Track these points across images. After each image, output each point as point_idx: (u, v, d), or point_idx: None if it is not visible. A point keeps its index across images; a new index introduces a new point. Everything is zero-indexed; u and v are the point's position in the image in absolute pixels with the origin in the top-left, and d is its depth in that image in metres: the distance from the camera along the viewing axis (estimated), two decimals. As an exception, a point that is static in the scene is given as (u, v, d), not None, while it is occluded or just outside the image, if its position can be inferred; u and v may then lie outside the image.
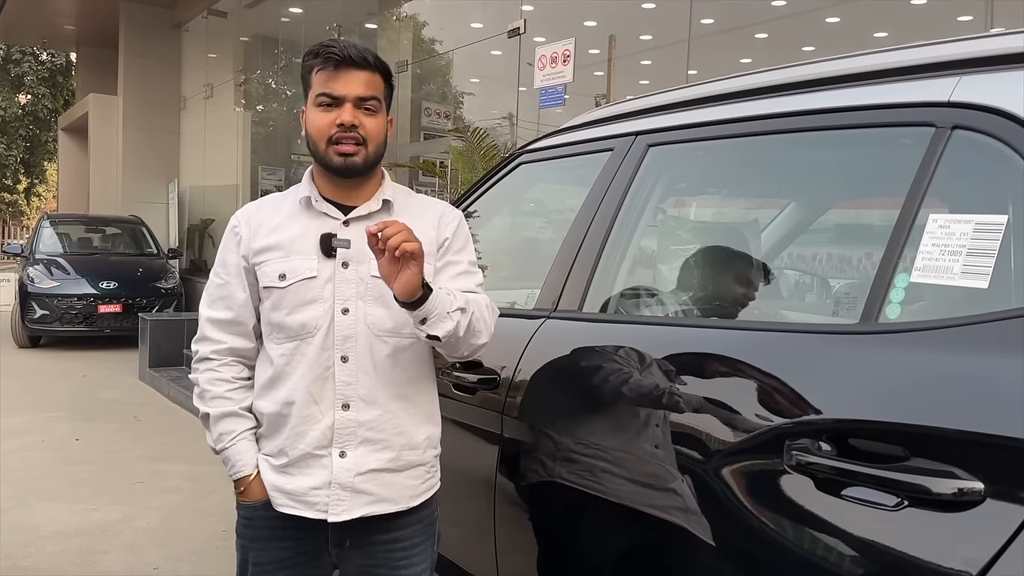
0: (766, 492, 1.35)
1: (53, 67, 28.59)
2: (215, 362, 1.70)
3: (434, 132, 10.74)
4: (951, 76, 1.38)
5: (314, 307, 1.61)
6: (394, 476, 1.66)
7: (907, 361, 1.26)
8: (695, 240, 2.21)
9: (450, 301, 1.57)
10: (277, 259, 1.63)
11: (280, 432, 1.65)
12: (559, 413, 1.89)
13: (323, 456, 1.62)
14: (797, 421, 1.32)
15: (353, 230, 1.64)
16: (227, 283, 1.70)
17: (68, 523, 4.09)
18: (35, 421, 6.24)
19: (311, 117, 1.63)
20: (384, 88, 1.65)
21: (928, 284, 1.29)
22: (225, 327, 1.70)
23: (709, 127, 1.83)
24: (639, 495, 1.62)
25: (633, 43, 9.48)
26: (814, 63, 1.67)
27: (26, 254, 10.82)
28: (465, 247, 1.76)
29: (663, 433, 1.58)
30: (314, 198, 1.66)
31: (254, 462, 1.67)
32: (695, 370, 1.59)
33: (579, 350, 1.88)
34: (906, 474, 1.15)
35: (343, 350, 1.62)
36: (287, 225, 1.66)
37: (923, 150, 1.37)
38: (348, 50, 1.58)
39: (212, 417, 1.68)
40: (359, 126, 1.59)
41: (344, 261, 1.62)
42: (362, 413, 1.62)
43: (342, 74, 1.59)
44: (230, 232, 1.71)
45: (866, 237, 2.35)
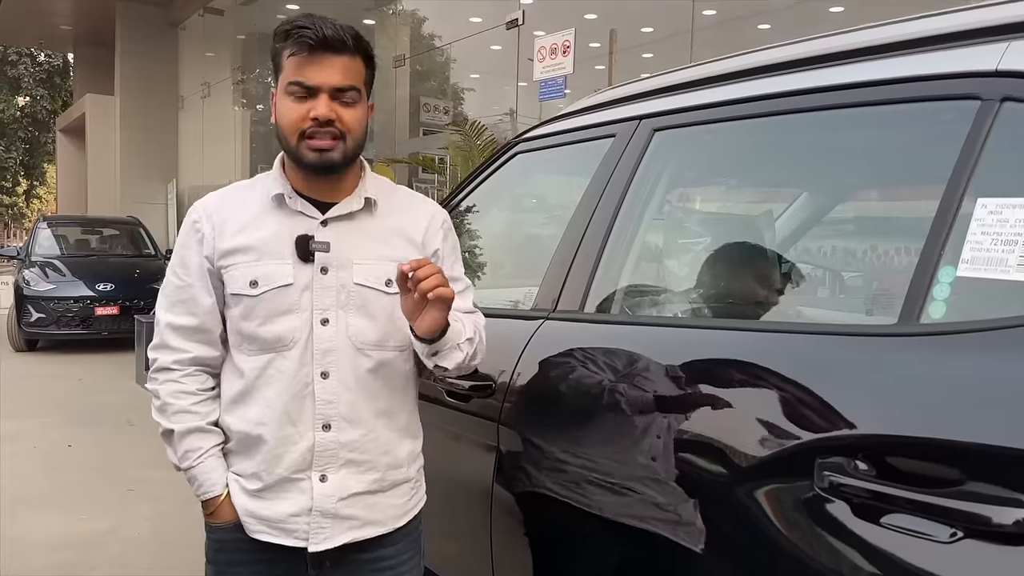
0: (794, 517, 1.19)
1: (50, 68, 28.55)
2: (177, 372, 1.53)
3: (433, 128, 10.60)
4: (998, 42, 1.22)
5: (290, 318, 1.46)
6: (378, 497, 1.53)
7: (957, 367, 1.10)
8: (706, 233, 2.05)
9: (460, 331, 1.48)
10: (248, 263, 1.46)
11: (253, 454, 1.50)
12: (559, 423, 1.73)
13: (302, 480, 1.48)
14: (828, 436, 1.16)
15: (332, 231, 1.48)
16: (189, 285, 1.52)
17: (57, 534, 3.95)
18: (28, 427, 6.11)
19: (281, 107, 1.44)
20: (365, 74, 1.47)
21: (978, 278, 1.13)
22: (188, 334, 1.53)
23: (720, 108, 1.67)
24: (645, 514, 1.46)
25: (635, 36, 9.34)
26: (838, 34, 1.51)
27: (22, 257, 10.70)
28: (457, 258, 1.64)
29: (673, 447, 1.42)
30: (287, 195, 1.49)
31: (224, 481, 1.52)
32: (709, 377, 1.43)
33: (580, 354, 1.73)
34: (961, 500, 0.99)
35: (323, 365, 1.47)
36: (257, 224, 1.49)
37: (967, 126, 1.21)
38: (324, 30, 1.38)
39: (176, 433, 1.52)
40: (336, 119, 1.41)
41: (323, 266, 1.46)
42: (344, 433, 1.48)
43: (317, 60, 1.39)
44: (190, 228, 1.52)
45: (902, 226, 2.19)
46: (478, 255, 2.72)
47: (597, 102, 2.09)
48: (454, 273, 1.59)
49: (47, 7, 17.11)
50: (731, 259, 1.95)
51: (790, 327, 1.52)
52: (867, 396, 1.17)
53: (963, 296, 1.17)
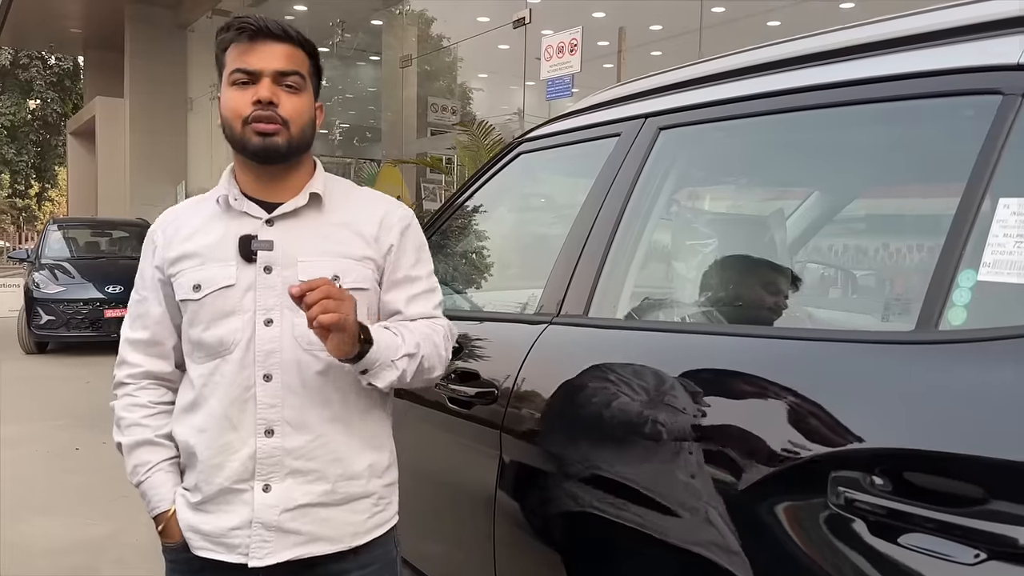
0: (806, 535, 1.13)
1: (61, 71, 28.71)
2: (131, 386, 1.51)
3: (440, 128, 10.57)
4: (1021, 34, 1.16)
5: (232, 319, 1.41)
6: (329, 511, 1.44)
7: (978, 377, 1.04)
8: (713, 234, 1.98)
9: (396, 347, 1.40)
10: (192, 268, 1.44)
11: (194, 464, 1.45)
12: (563, 430, 1.68)
13: (244, 491, 1.42)
14: (842, 450, 1.10)
15: (277, 230, 1.43)
16: (144, 299, 1.51)
17: (62, 539, 3.93)
18: (36, 429, 6.11)
19: (225, 98, 1.41)
20: (309, 65, 1.45)
21: (1000, 283, 1.07)
22: (141, 348, 1.51)
23: (728, 105, 1.61)
24: (651, 523, 1.40)
25: (644, 34, 9.28)
26: (851, 28, 1.45)
27: (32, 259, 10.72)
28: (420, 258, 1.55)
29: (680, 456, 1.36)
30: (232, 196, 1.45)
31: (171, 497, 1.48)
32: (716, 385, 1.37)
33: (583, 360, 1.67)
34: (984, 520, 0.93)
35: (266, 367, 1.41)
36: (204, 229, 1.46)
37: (988, 122, 1.14)
38: (264, 21, 1.40)
39: (126, 447, 1.49)
40: (278, 105, 1.38)
41: (267, 265, 1.42)
42: (289, 439, 1.41)
43: (258, 47, 1.39)
44: (147, 241, 1.52)
45: (919, 228, 2.12)
46: (481, 257, 2.67)
47: (601, 100, 2.03)
48: (413, 273, 1.52)
49: (57, 11, 17.19)
50: (740, 262, 1.89)
51: (802, 334, 1.46)
52: (883, 407, 1.11)
53: (984, 301, 1.11)
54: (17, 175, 30.11)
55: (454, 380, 1.97)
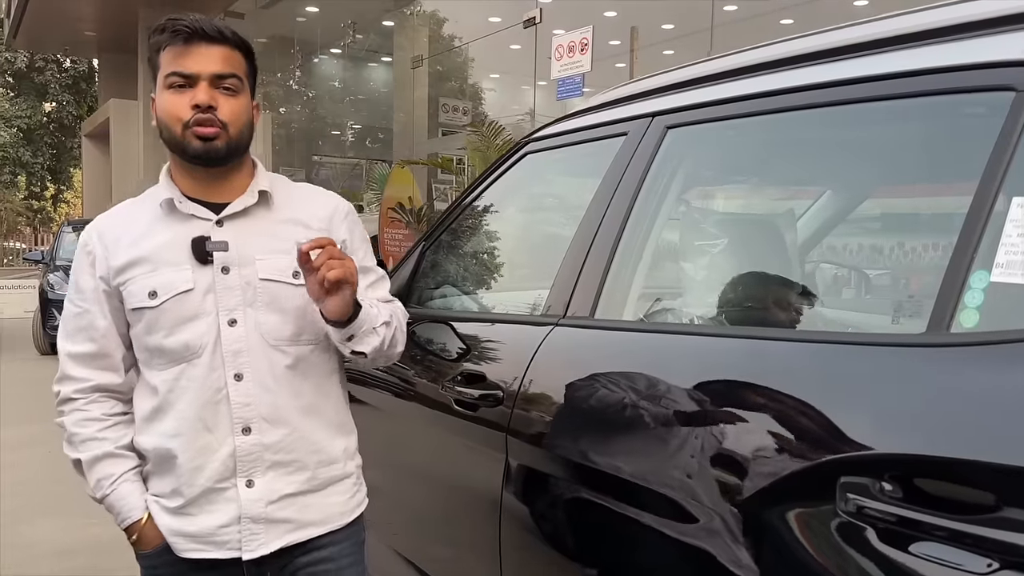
0: (814, 542, 1.11)
1: (76, 74, 28.94)
2: (80, 401, 1.47)
3: (451, 128, 10.57)
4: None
5: (196, 323, 1.41)
6: (314, 497, 1.49)
7: (991, 381, 1.01)
8: (721, 234, 1.95)
9: (375, 315, 1.48)
10: (144, 275, 1.42)
11: (171, 470, 1.45)
12: (570, 433, 1.66)
13: (227, 489, 1.44)
14: (851, 456, 1.08)
15: (229, 230, 1.44)
16: (85, 311, 1.46)
17: (70, 539, 3.96)
18: (46, 431, 6.06)
19: (162, 101, 1.40)
20: (246, 66, 1.45)
21: (1013, 284, 1.04)
22: (88, 362, 1.47)
23: (736, 104, 1.58)
24: (660, 530, 1.38)
25: (655, 33, 9.25)
26: (860, 24, 1.42)
27: (47, 261, 10.80)
28: (367, 249, 1.61)
29: (685, 459, 1.34)
30: (177, 199, 1.44)
31: (143, 504, 1.47)
32: (723, 388, 1.34)
33: (589, 362, 1.65)
34: (997, 529, 0.91)
35: (236, 367, 1.42)
36: (150, 234, 1.44)
37: (1001, 119, 1.11)
38: (199, 23, 1.39)
39: (85, 462, 1.46)
40: (216, 108, 1.38)
41: (224, 266, 1.42)
42: (267, 435, 1.44)
43: (194, 49, 1.38)
44: (81, 251, 1.48)
45: (930, 228, 2.08)
46: (487, 257, 2.65)
47: (608, 99, 2.01)
48: (367, 263, 1.58)
49: (72, 14, 17.30)
50: (748, 263, 1.87)
51: (810, 336, 1.43)
52: (893, 411, 1.08)
53: (997, 303, 1.07)
54: (33, 177, 30.36)
55: (460, 382, 1.96)
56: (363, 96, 16.32)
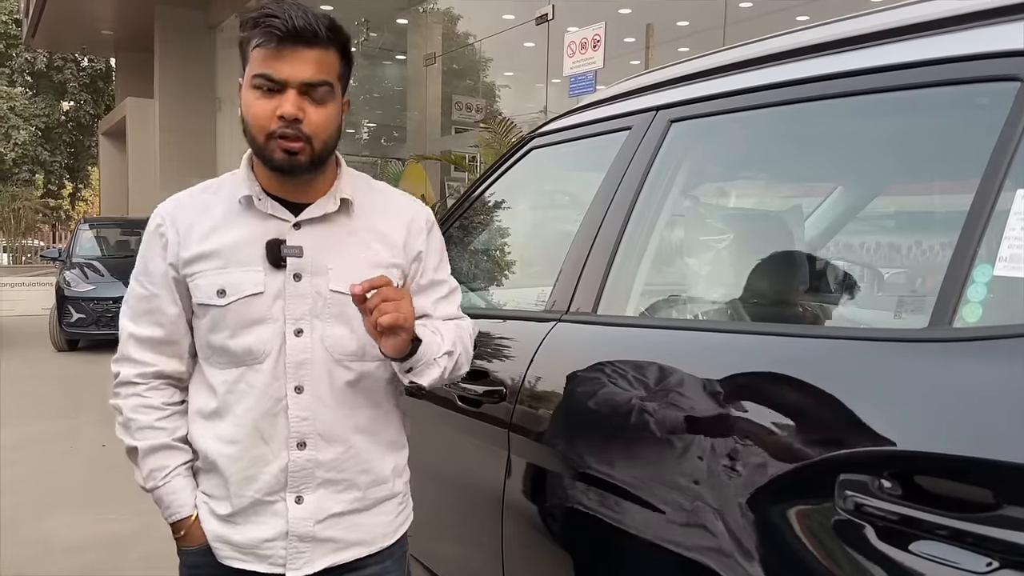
0: (812, 539, 1.09)
1: (94, 73, 29.20)
2: (141, 386, 1.43)
3: (464, 126, 10.57)
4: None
5: (261, 328, 1.36)
6: (361, 517, 1.44)
7: (994, 377, 0.99)
8: (724, 230, 1.94)
9: (438, 345, 1.39)
10: (214, 271, 1.36)
11: (223, 475, 1.41)
12: (572, 429, 1.65)
13: (275, 502, 1.39)
14: (851, 453, 1.06)
15: (305, 234, 1.38)
16: (154, 295, 1.41)
17: (84, 534, 3.98)
18: (64, 426, 6.19)
19: (247, 101, 1.32)
20: (339, 67, 1.35)
21: (1018, 278, 1.02)
22: (153, 346, 1.42)
23: (740, 96, 1.56)
24: (660, 525, 1.37)
25: (670, 30, 9.19)
26: (864, 15, 1.40)
27: (63, 258, 10.90)
28: (442, 261, 1.53)
29: (687, 456, 1.32)
30: (256, 196, 1.38)
31: (192, 501, 1.43)
32: (725, 384, 1.32)
33: (592, 358, 1.64)
34: (997, 527, 0.89)
35: (297, 379, 1.37)
36: (224, 228, 1.38)
37: (1006, 110, 1.09)
38: (294, 20, 1.26)
39: (141, 451, 1.42)
40: (303, 120, 1.30)
41: (296, 272, 1.36)
42: (322, 452, 1.39)
43: (286, 52, 1.28)
44: (153, 233, 1.41)
45: (933, 221, 2.04)
46: (493, 253, 2.64)
47: (613, 94, 1.99)
48: (438, 276, 1.51)
49: (89, 13, 17.45)
50: (751, 258, 1.84)
51: (812, 332, 1.41)
52: (894, 408, 1.06)
53: (1001, 297, 1.06)
54: (51, 175, 30.65)
55: (463, 378, 1.95)
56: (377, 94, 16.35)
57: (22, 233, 32.33)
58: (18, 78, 28.36)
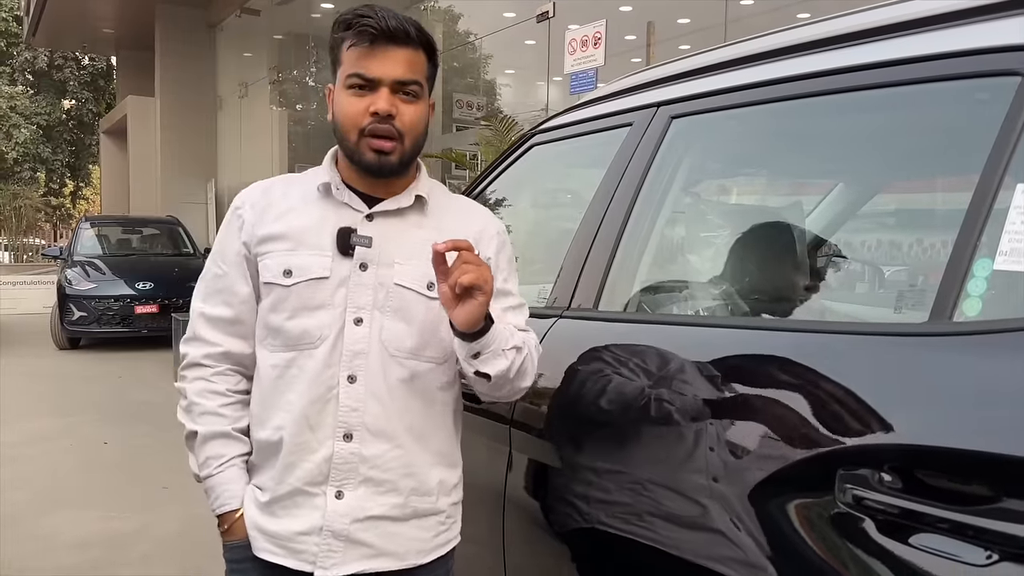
0: (812, 534, 1.10)
1: (94, 71, 29.19)
2: (208, 370, 1.42)
3: (465, 123, 10.56)
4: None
5: (321, 313, 1.35)
6: (398, 526, 1.39)
7: (994, 371, 0.99)
8: (726, 226, 1.93)
9: (507, 336, 1.34)
10: (283, 251, 1.37)
11: (269, 462, 1.39)
12: (572, 425, 1.65)
13: (315, 495, 1.36)
14: (850, 446, 1.07)
15: (377, 226, 1.37)
16: (226, 274, 1.42)
17: (86, 532, 3.99)
18: (66, 424, 6.20)
19: (340, 101, 1.34)
20: (427, 68, 1.37)
21: (1018, 272, 1.03)
22: (222, 326, 1.42)
23: (740, 92, 1.57)
24: (660, 521, 1.37)
25: (671, 27, 9.18)
26: (865, 11, 1.40)
27: (65, 256, 10.91)
28: (511, 272, 1.50)
29: (688, 451, 1.33)
30: (335, 185, 1.39)
31: (242, 495, 1.41)
32: (725, 379, 1.33)
33: (592, 354, 1.64)
34: (997, 520, 0.89)
35: (351, 368, 1.35)
36: (299, 212, 1.39)
37: (1006, 105, 1.10)
38: (387, 21, 1.30)
39: (200, 437, 1.41)
40: (396, 116, 1.31)
41: (362, 262, 1.36)
42: (367, 446, 1.35)
43: (379, 52, 1.30)
44: (232, 215, 1.44)
45: (933, 215, 2.05)
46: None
47: (613, 90, 2.00)
48: (507, 286, 1.47)
49: (90, 12, 17.44)
50: (751, 254, 1.85)
51: (811, 326, 1.41)
52: (894, 402, 1.07)
53: (1001, 292, 1.06)
54: (52, 174, 30.65)
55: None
56: (378, 92, 16.34)
57: (23, 231, 32.35)
58: (19, 76, 28.37)
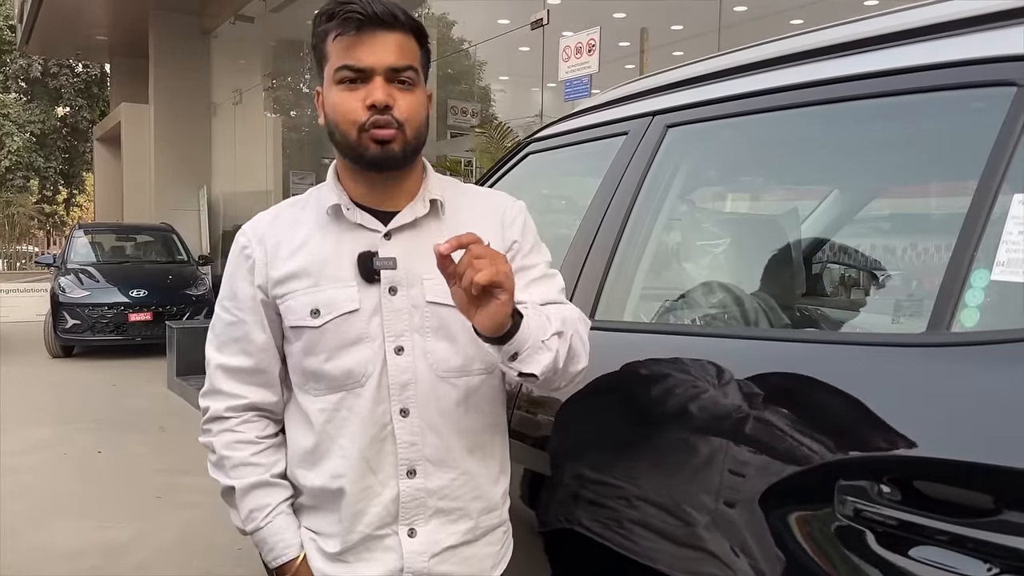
0: (811, 546, 1.09)
1: (88, 78, 29.15)
2: (233, 420, 1.34)
3: (460, 130, 10.56)
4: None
5: (361, 348, 1.26)
6: (472, 548, 1.34)
7: (992, 381, 0.99)
8: (722, 235, 1.94)
9: (544, 325, 1.19)
10: (305, 290, 1.27)
11: (332, 511, 1.31)
12: (567, 437, 1.65)
13: (387, 536, 1.29)
14: (849, 458, 1.06)
15: (397, 244, 1.27)
16: (240, 321, 1.32)
17: (81, 541, 3.97)
18: (60, 433, 6.17)
19: (332, 100, 1.24)
20: (420, 54, 1.26)
21: (1015, 283, 1.03)
22: (243, 377, 1.34)
23: (735, 102, 1.57)
24: (658, 533, 1.36)
25: (665, 34, 9.20)
26: (860, 20, 1.41)
27: (58, 264, 10.86)
28: (536, 246, 1.39)
29: (684, 462, 1.32)
30: (344, 205, 1.28)
31: (298, 541, 1.33)
32: (722, 389, 1.33)
33: (589, 364, 1.63)
34: (997, 533, 0.89)
35: (402, 401, 1.27)
36: (313, 243, 1.29)
37: (1002, 115, 1.10)
38: (372, 6, 1.19)
39: (239, 491, 1.32)
40: (393, 106, 1.20)
41: (391, 286, 1.26)
42: (432, 479, 1.29)
43: (367, 39, 1.20)
44: (239, 255, 1.32)
45: (931, 225, 2.05)
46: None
47: (609, 99, 2.00)
48: (529, 261, 1.35)
49: (84, 19, 17.41)
50: (748, 263, 1.85)
51: (810, 336, 1.42)
52: (892, 413, 1.07)
53: (998, 302, 1.06)
54: (46, 181, 30.58)
55: None
56: (372, 99, 16.35)
57: (17, 239, 32.25)
58: (12, 84, 28.33)
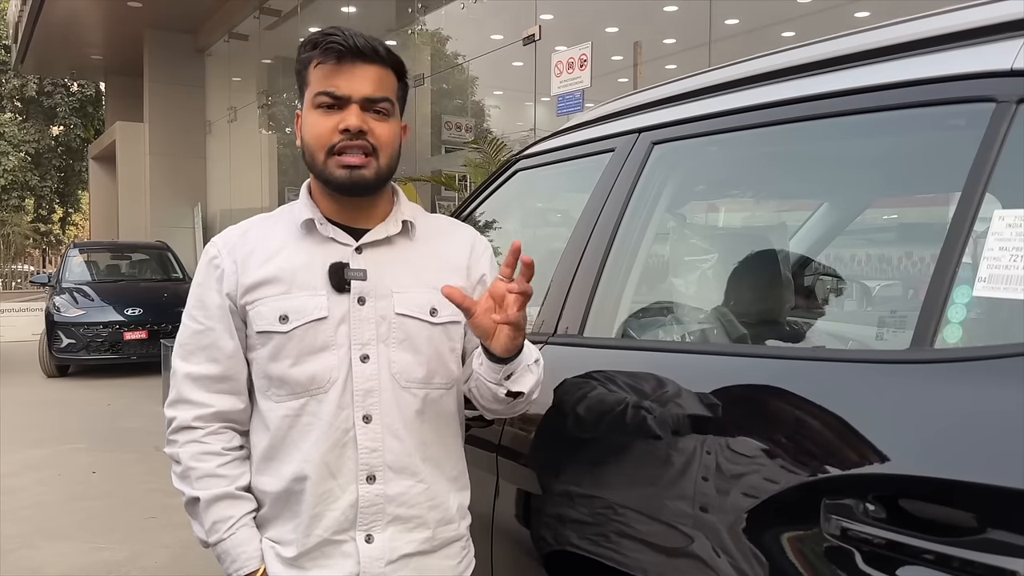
0: (797, 565, 1.09)
1: (83, 97, 29.23)
2: (199, 431, 1.35)
3: (454, 145, 10.59)
4: (1014, 38, 1.11)
5: (326, 355, 1.30)
6: (428, 559, 1.37)
7: (975, 398, 0.99)
8: (709, 250, 1.94)
9: (530, 350, 1.31)
10: (276, 296, 1.31)
11: (290, 515, 1.34)
12: (559, 453, 1.64)
13: (344, 542, 1.32)
14: (834, 476, 1.06)
15: (368, 257, 1.34)
16: (209, 329, 1.35)
17: (74, 564, 3.93)
18: (54, 453, 6.13)
19: (308, 122, 1.30)
20: (397, 88, 1.34)
21: (996, 299, 1.03)
22: (210, 385, 1.35)
23: (720, 118, 1.57)
24: (645, 553, 1.36)
25: (657, 47, 9.25)
26: (842, 37, 1.41)
27: (53, 283, 10.84)
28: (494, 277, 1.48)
29: (673, 479, 1.32)
30: (318, 220, 1.34)
31: (260, 554, 1.34)
32: (709, 406, 1.32)
33: (578, 381, 1.63)
34: (981, 551, 0.88)
35: (365, 407, 1.31)
36: (286, 253, 1.34)
37: (982, 131, 1.10)
38: (354, 39, 1.26)
39: (203, 502, 1.33)
40: (368, 132, 1.28)
41: (360, 296, 1.32)
42: (391, 485, 1.32)
43: (346, 69, 1.27)
44: (208, 265, 1.36)
45: (912, 241, 2.06)
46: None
47: (595, 116, 2.00)
48: None
49: (78, 38, 17.48)
50: (735, 279, 1.85)
51: (794, 352, 1.41)
52: (876, 430, 1.06)
53: (981, 318, 1.06)
54: (41, 200, 30.60)
55: None
56: (367, 115, 16.41)
57: (12, 258, 32.22)
58: (7, 104, 28.39)
